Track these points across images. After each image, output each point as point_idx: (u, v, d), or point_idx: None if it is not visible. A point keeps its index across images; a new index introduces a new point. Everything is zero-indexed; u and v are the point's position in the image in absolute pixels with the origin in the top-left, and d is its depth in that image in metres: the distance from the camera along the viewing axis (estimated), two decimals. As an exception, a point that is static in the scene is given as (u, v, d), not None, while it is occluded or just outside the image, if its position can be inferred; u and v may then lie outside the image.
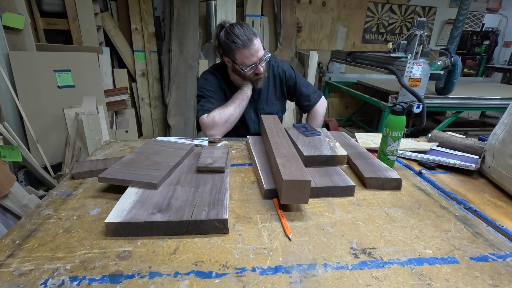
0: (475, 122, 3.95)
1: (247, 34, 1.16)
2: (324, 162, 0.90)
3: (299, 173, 0.69)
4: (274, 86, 1.42)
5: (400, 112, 0.90)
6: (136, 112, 3.06)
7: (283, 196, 0.68)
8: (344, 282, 0.51)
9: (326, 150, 0.92)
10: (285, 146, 0.86)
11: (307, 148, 0.93)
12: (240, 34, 1.15)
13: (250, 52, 1.17)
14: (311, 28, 3.75)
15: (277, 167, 0.73)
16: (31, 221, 0.64)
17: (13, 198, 1.39)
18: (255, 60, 1.20)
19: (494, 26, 4.81)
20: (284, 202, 0.69)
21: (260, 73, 1.24)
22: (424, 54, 2.26)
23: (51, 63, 2.06)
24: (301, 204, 0.73)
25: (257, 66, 1.21)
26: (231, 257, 0.56)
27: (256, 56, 1.19)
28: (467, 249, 0.60)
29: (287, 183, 0.66)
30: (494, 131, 0.91)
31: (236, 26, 1.17)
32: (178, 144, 0.99)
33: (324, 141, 1.00)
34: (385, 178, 0.83)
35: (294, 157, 0.79)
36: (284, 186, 0.67)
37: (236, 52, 1.18)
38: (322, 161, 0.90)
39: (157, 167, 0.80)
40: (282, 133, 0.98)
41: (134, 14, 2.87)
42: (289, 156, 0.79)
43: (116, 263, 0.53)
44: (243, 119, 1.37)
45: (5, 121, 1.71)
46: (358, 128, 3.73)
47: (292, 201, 0.70)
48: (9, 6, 1.90)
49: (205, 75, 1.36)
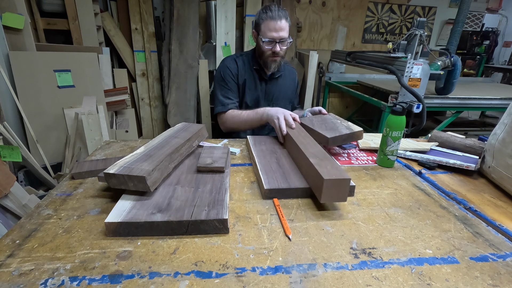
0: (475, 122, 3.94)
1: (279, 13, 1.26)
2: (345, 140, 0.99)
3: (337, 172, 0.69)
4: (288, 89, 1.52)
5: (400, 112, 0.90)
6: (136, 112, 3.06)
7: (323, 195, 0.68)
8: (344, 282, 0.51)
9: (343, 129, 1.01)
10: (312, 145, 0.87)
11: (328, 131, 1.00)
12: (273, 10, 1.26)
13: (274, 26, 1.26)
14: (311, 28, 3.75)
15: (312, 167, 0.74)
16: (31, 221, 0.64)
17: (13, 198, 1.39)
18: (276, 36, 1.27)
19: (494, 26, 4.81)
20: (324, 201, 0.70)
21: (277, 52, 1.31)
22: (424, 54, 2.25)
23: (51, 63, 2.06)
24: (339, 202, 0.74)
25: (275, 43, 1.28)
26: (231, 257, 0.56)
27: (277, 33, 1.27)
28: (467, 249, 0.60)
29: (328, 182, 0.67)
30: (494, 131, 0.91)
31: (274, 4, 1.29)
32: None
33: (336, 123, 1.09)
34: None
35: (325, 155, 0.80)
36: (324, 186, 0.67)
37: (263, 22, 1.28)
38: (344, 139, 0.98)
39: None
40: (303, 133, 1.00)
41: (134, 14, 2.87)
42: (320, 155, 0.80)
43: (116, 263, 0.53)
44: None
45: (5, 121, 1.71)
46: (358, 128, 3.72)
47: (332, 200, 0.71)
48: (9, 6, 1.90)
49: (227, 62, 1.43)
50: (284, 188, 0.76)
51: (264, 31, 1.28)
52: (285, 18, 1.27)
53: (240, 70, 1.40)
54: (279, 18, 1.25)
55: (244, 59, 1.43)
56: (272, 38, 1.27)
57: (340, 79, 3.48)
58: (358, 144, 1.15)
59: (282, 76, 1.47)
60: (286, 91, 1.50)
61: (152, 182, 0.68)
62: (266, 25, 1.27)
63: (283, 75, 1.47)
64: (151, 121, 3.18)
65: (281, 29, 1.26)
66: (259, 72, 1.42)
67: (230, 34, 3.01)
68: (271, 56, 1.32)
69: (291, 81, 1.52)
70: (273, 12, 1.25)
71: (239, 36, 3.15)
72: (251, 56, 1.44)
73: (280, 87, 1.47)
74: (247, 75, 1.41)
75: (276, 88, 1.47)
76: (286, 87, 1.50)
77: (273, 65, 1.36)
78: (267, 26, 1.26)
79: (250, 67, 1.42)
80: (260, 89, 1.44)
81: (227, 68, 1.39)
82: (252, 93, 1.42)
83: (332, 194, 0.68)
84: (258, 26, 1.31)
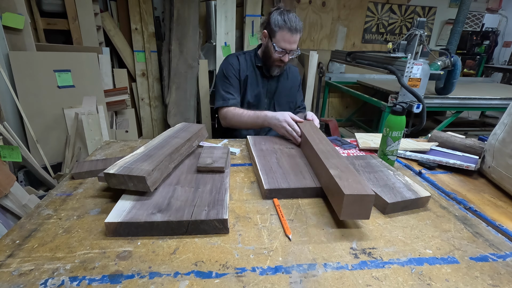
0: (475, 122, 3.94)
1: (298, 25, 1.26)
2: (407, 207, 0.73)
3: (359, 187, 0.62)
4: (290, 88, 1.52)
5: (400, 112, 0.90)
6: (136, 112, 3.06)
7: (343, 212, 0.61)
8: (344, 282, 0.51)
9: (405, 191, 0.75)
10: (333, 156, 0.81)
11: (382, 190, 0.76)
12: (293, 20, 1.25)
13: (289, 38, 1.27)
14: (311, 28, 3.75)
15: (332, 179, 0.67)
16: (31, 221, 0.64)
17: (13, 198, 1.39)
18: (288, 48, 1.29)
19: (494, 26, 4.81)
20: (343, 218, 0.63)
21: (284, 62, 1.34)
22: (424, 54, 2.26)
23: (51, 63, 2.06)
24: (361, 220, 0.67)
25: (286, 53, 1.30)
26: (231, 257, 0.56)
27: (290, 45, 1.29)
28: (467, 249, 0.60)
29: (349, 198, 0.60)
30: (494, 131, 0.91)
31: (293, 14, 1.28)
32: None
33: (389, 174, 0.85)
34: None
35: (347, 167, 0.73)
36: (345, 201, 0.60)
37: (280, 30, 1.27)
38: (405, 206, 0.73)
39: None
40: (325, 141, 0.93)
41: (134, 14, 2.87)
42: (342, 166, 0.73)
43: (116, 263, 0.53)
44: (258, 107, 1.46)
45: (5, 121, 1.71)
46: (358, 128, 3.73)
47: (353, 217, 0.64)
48: (9, 6, 1.90)
49: (229, 58, 1.44)
50: (284, 188, 0.76)
51: (279, 40, 1.27)
52: (300, 31, 1.28)
53: (242, 66, 1.42)
54: (296, 31, 1.25)
55: (246, 57, 1.45)
56: (284, 48, 1.28)
57: (340, 79, 3.48)
58: (358, 144, 1.15)
59: (284, 75, 1.49)
60: (288, 89, 1.51)
61: (152, 182, 0.68)
62: (282, 35, 1.26)
63: (285, 74, 1.49)
64: (151, 121, 3.18)
65: (295, 42, 1.28)
66: (261, 69, 1.43)
67: (230, 34, 3.01)
68: (277, 62, 1.35)
69: (293, 80, 1.53)
70: (292, 23, 1.24)
71: (239, 36, 3.15)
72: (254, 53, 1.45)
73: (282, 85, 1.49)
74: (249, 71, 1.43)
75: (278, 86, 1.48)
76: (288, 85, 1.51)
77: (277, 69, 1.39)
78: (283, 36, 1.26)
79: (253, 64, 1.43)
80: (262, 85, 1.45)
81: (229, 64, 1.41)
82: (253, 89, 1.44)
83: (353, 210, 0.61)
84: (272, 30, 1.28)
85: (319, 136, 0.98)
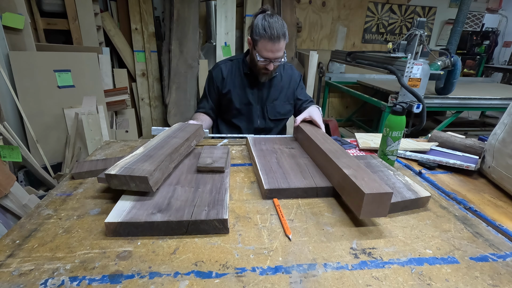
0: (475, 122, 3.95)
1: (278, 31, 1.19)
2: (407, 207, 0.74)
3: (377, 185, 0.63)
4: (286, 88, 1.48)
5: (400, 112, 0.90)
6: (136, 112, 3.06)
7: (363, 210, 0.62)
8: (344, 282, 0.51)
9: (405, 191, 0.76)
10: (343, 155, 0.80)
11: None
12: (272, 27, 1.19)
13: (271, 48, 1.22)
14: (311, 28, 3.75)
15: (347, 178, 0.67)
16: (31, 221, 0.64)
17: (13, 198, 1.39)
18: (271, 56, 1.24)
19: (494, 26, 4.81)
20: (363, 217, 0.64)
21: (269, 70, 1.29)
22: (424, 54, 2.26)
23: (51, 63, 2.06)
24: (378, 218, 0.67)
25: (269, 62, 1.26)
26: (231, 257, 0.56)
27: (273, 54, 1.23)
28: (467, 249, 0.60)
29: (369, 197, 0.61)
30: (494, 131, 0.91)
31: (274, 18, 1.22)
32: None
33: (391, 176, 0.85)
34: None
35: (359, 166, 0.73)
36: (365, 201, 0.61)
37: (261, 39, 1.22)
38: (405, 206, 0.73)
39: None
40: (330, 140, 0.93)
41: (134, 14, 2.87)
42: (354, 165, 0.73)
43: (116, 263, 0.53)
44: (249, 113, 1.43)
45: (5, 121, 1.71)
46: (358, 128, 3.73)
47: (371, 215, 0.65)
48: (9, 6, 1.90)
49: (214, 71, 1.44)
50: (284, 188, 0.76)
51: (260, 49, 1.23)
52: (283, 37, 1.22)
53: (227, 77, 1.40)
54: (277, 39, 1.20)
55: (234, 65, 1.42)
56: (267, 58, 1.24)
57: (340, 79, 3.48)
58: (358, 144, 1.15)
59: (277, 77, 1.44)
60: (283, 91, 1.46)
61: (154, 182, 0.68)
62: (263, 44, 1.22)
63: (277, 76, 1.44)
64: (151, 121, 3.18)
65: (277, 50, 1.22)
66: (249, 76, 1.40)
67: (230, 34, 3.01)
68: (263, 69, 1.31)
69: (287, 79, 1.47)
70: (272, 30, 1.19)
71: (239, 36, 3.15)
72: (241, 60, 1.41)
73: (275, 89, 1.44)
74: (236, 80, 1.40)
75: (271, 90, 1.43)
76: (282, 87, 1.46)
77: (264, 77, 1.36)
78: (264, 46, 1.22)
79: (240, 72, 1.40)
80: (251, 93, 1.41)
81: (212, 77, 1.42)
82: (241, 97, 1.41)
83: (372, 209, 0.62)
84: (254, 39, 1.25)
85: (322, 135, 0.98)
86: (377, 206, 0.62)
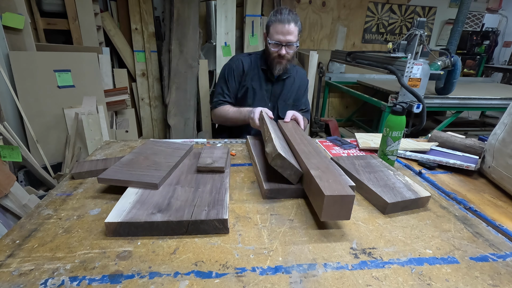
0: (475, 122, 3.94)
1: (288, 17, 1.26)
2: (407, 207, 0.73)
3: (340, 187, 0.62)
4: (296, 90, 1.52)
5: (400, 112, 0.90)
6: (136, 112, 3.06)
7: (323, 213, 0.61)
8: (344, 282, 0.51)
9: (405, 191, 0.75)
10: (314, 155, 0.80)
11: (383, 190, 0.75)
12: (283, 13, 1.27)
13: (281, 30, 1.26)
14: (311, 28, 3.75)
15: (313, 179, 0.66)
16: (31, 221, 0.64)
17: (13, 198, 1.39)
18: (282, 39, 1.28)
19: (494, 26, 4.81)
20: (324, 219, 0.63)
21: (282, 55, 1.32)
22: (424, 54, 2.25)
23: (51, 63, 2.06)
24: (341, 221, 0.67)
25: (282, 46, 1.29)
26: (231, 257, 0.56)
27: (284, 36, 1.27)
28: (467, 249, 0.60)
29: (329, 199, 0.59)
30: (494, 131, 0.91)
31: (285, 8, 1.30)
32: (176, 144, 0.99)
33: (389, 174, 0.85)
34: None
35: (328, 167, 0.72)
36: (325, 202, 0.59)
37: (272, 24, 1.29)
38: (405, 206, 0.73)
39: (157, 167, 0.80)
40: (306, 140, 0.91)
41: (134, 14, 2.87)
42: (323, 166, 0.72)
43: (116, 263, 0.53)
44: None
45: (5, 121, 1.71)
46: (358, 128, 3.73)
47: (333, 218, 0.64)
48: (9, 6, 1.90)
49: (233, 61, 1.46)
50: (284, 188, 0.76)
51: (272, 33, 1.29)
52: (294, 22, 1.27)
53: (246, 70, 1.43)
54: (288, 22, 1.25)
55: (252, 59, 1.46)
56: (278, 41, 1.28)
57: (340, 79, 3.48)
58: (358, 144, 1.15)
59: (290, 78, 1.48)
60: (293, 92, 1.50)
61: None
62: (274, 28, 1.28)
63: (291, 77, 1.48)
64: (151, 121, 3.18)
65: (288, 32, 1.27)
66: (266, 72, 1.43)
67: (230, 34, 3.00)
68: (277, 58, 1.34)
69: (299, 83, 1.52)
70: (282, 15, 1.25)
71: (239, 36, 3.15)
72: (260, 56, 1.46)
73: (287, 88, 1.48)
74: (253, 74, 1.43)
75: (283, 89, 1.47)
76: (294, 88, 1.50)
77: (278, 67, 1.37)
78: (275, 29, 1.28)
79: (258, 67, 1.44)
80: (265, 89, 1.45)
81: (232, 68, 1.44)
82: (257, 92, 1.43)
83: (333, 211, 0.61)
84: (267, 29, 1.32)
85: (300, 136, 0.96)
86: (339, 208, 0.61)
